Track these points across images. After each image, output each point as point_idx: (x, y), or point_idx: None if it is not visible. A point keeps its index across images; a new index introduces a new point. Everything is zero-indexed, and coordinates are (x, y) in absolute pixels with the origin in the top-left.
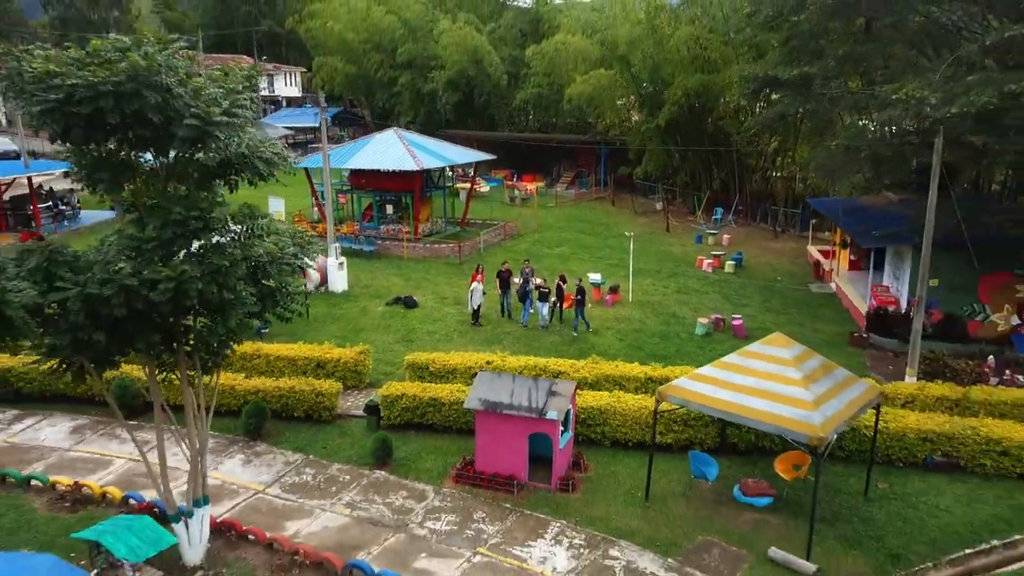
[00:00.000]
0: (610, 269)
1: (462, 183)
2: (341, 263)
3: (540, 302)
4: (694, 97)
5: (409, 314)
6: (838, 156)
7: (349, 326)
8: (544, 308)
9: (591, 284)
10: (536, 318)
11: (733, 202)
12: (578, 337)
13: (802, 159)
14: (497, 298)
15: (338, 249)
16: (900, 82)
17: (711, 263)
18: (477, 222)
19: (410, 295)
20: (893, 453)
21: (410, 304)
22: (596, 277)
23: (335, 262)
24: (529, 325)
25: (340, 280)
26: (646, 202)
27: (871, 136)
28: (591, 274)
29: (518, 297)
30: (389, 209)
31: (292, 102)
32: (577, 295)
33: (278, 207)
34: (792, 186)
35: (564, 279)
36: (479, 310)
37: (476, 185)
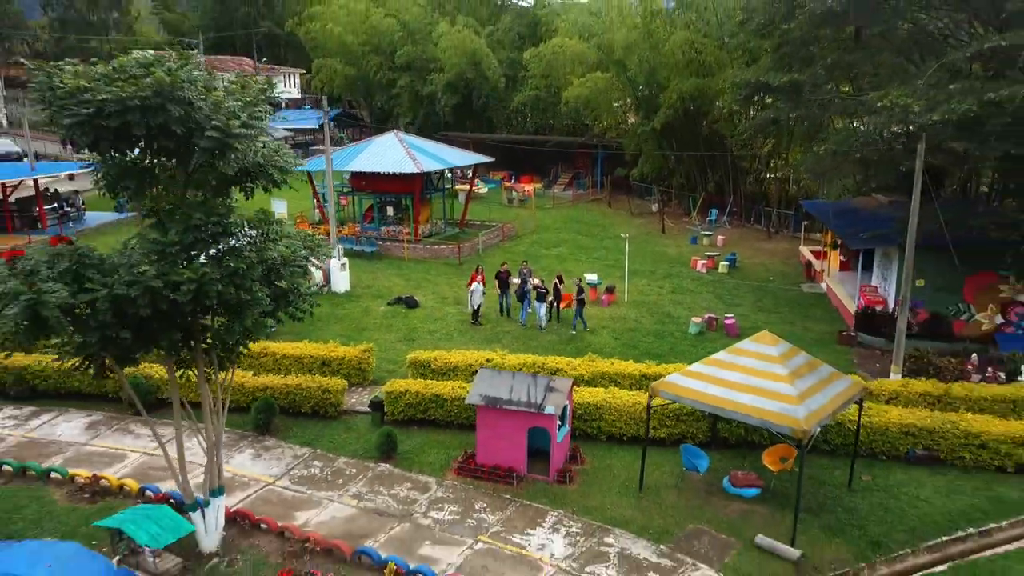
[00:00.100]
0: (607, 270)
1: (461, 185)
2: (343, 264)
3: (538, 302)
4: (689, 100)
5: (410, 314)
6: (827, 160)
7: (352, 325)
8: (542, 308)
9: (588, 284)
10: (534, 317)
11: (728, 203)
12: (575, 336)
13: (796, 161)
14: (496, 298)
15: (340, 250)
16: (886, 90)
17: (705, 264)
18: (476, 223)
19: (411, 295)
20: (877, 447)
21: (411, 304)
22: (593, 278)
23: (338, 263)
24: (527, 324)
25: (343, 280)
26: (642, 203)
27: (858, 141)
28: (588, 275)
29: (516, 297)
30: (390, 211)
31: (291, 103)
32: (578, 295)
33: (280, 209)
34: (786, 188)
35: (561, 279)
36: (479, 310)
37: (475, 187)
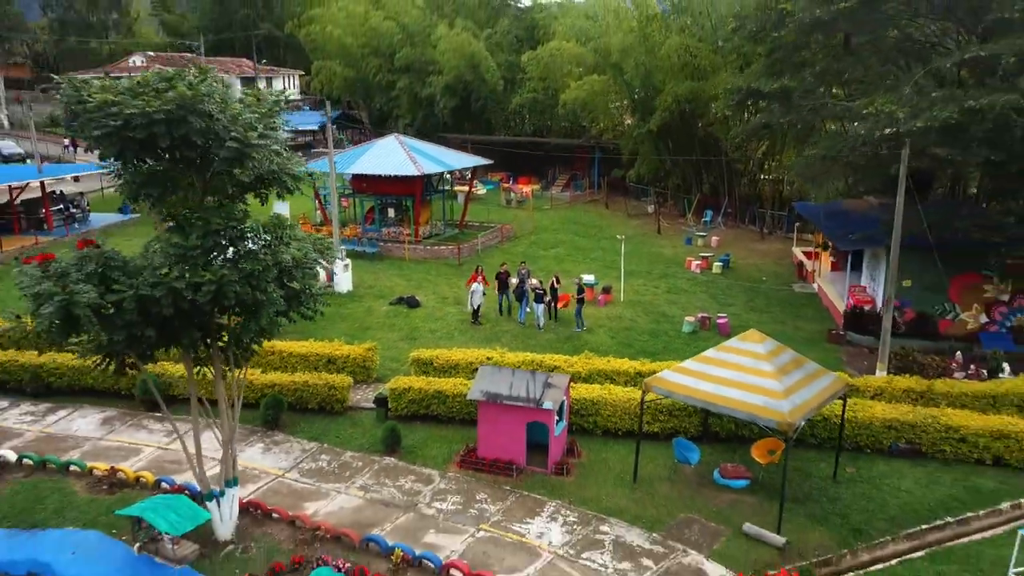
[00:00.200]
0: (603, 270)
1: (460, 186)
2: (346, 264)
3: (536, 302)
4: (684, 103)
5: (412, 313)
6: (817, 164)
7: (356, 324)
8: (539, 308)
9: (585, 285)
10: (533, 316)
11: (722, 205)
12: (572, 335)
13: (789, 162)
14: (496, 298)
15: (343, 251)
16: (872, 96)
17: (699, 264)
18: (475, 224)
19: (412, 295)
20: (861, 440)
21: (412, 304)
22: (590, 278)
23: (340, 263)
24: (526, 323)
25: (345, 281)
26: (639, 204)
27: (846, 146)
28: (585, 275)
29: (515, 296)
30: (390, 212)
31: (290, 105)
32: (578, 295)
33: (282, 211)
34: (780, 189)
35: (559, 280)
36: (479, 309)
37: (474, 188)
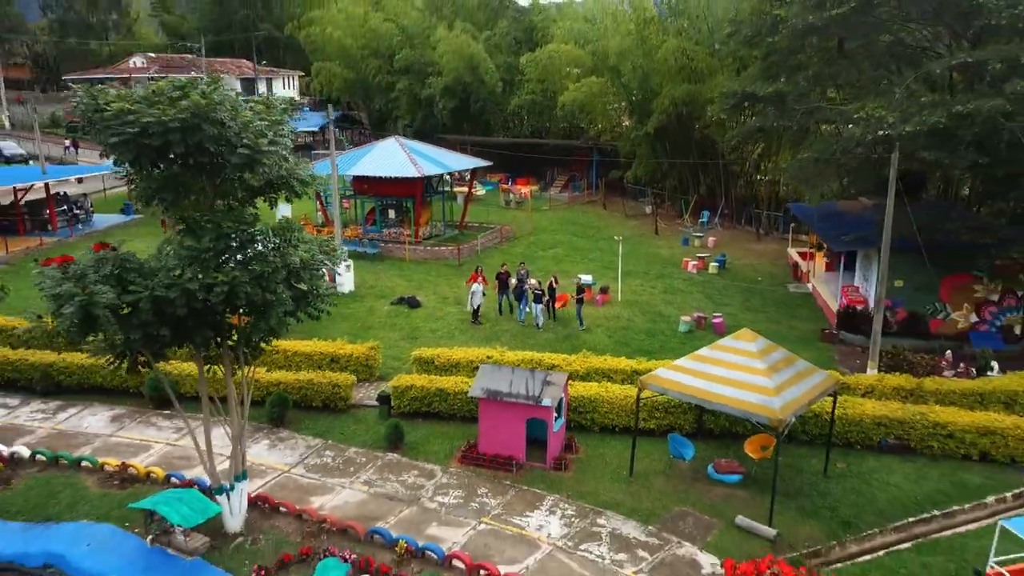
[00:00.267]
0: (601, 271)
1: (460, 187)
2: (348, 265)
3: (535, 303)
4: (681, 105)
5: (413, 313)
6: (810, 167)
7: (358, 324)
8: (538, 308)
9: (584, 285)
10: (532, 316)
11: (719, 206)
12: (571, 334)
13: (785, 164)
14: (495, 298)
15: (345, 252)
16: (863, 101)
17: (696, 265)
18: (474, 225)
19: (413, 295)
20: (852, 437)
21: (413, 304)
22: (587, 278)
23: (342, 264)
24: (525, 323)
25: (347, 281)
26: (636, 205)
27: (838, 149)
28: (583, 276)
29: (515, 296)
30: (391, 213)
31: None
32: (577, 294)
33: (285, 212)
34: (776, 190)
35: (556, 280)
36: (479, 309)
37: (473, 190)
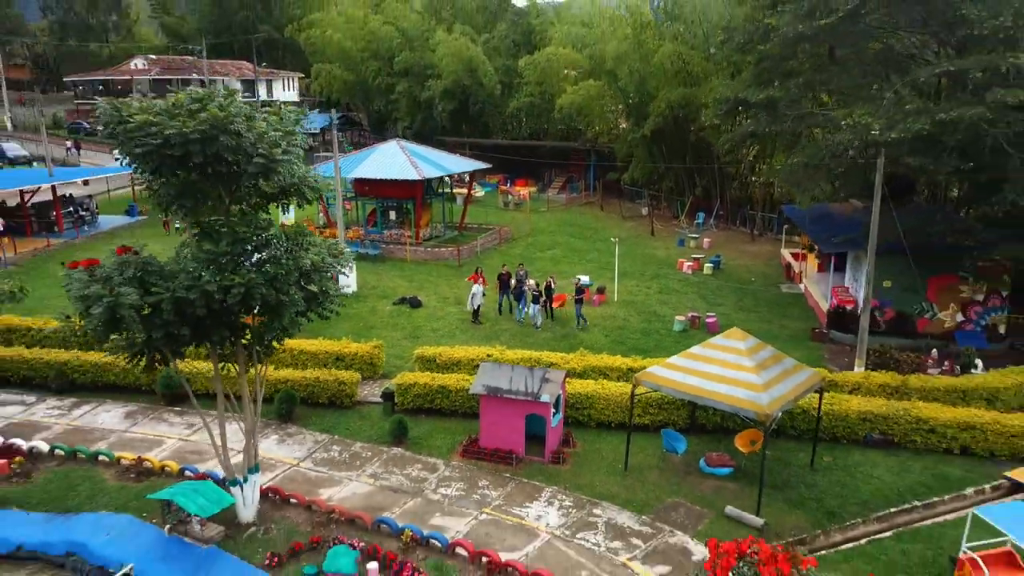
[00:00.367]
0: (598, 271)
1: (459, 189)
2: (351, 266)
3: (533, 303)
4: (677, 109)
5: (414, 313)
6: (800, 171)
7: (361, 324)
8: (534, 308)
9: (582, 286)
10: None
11: (715, 207)
12: (569, 333)
13: (779, 166)
14: (495, 298)
15: (353, 254)
16: (851, 108)
17: (691, 265)
18: (474, 226)
19: (414, 296)
20: (838, 432)
21: (415, 304)
22: (585, 279)
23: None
24: (524, 322)
25: (351, 282)
26: (633, 207)
27: (827, 154)
28: (580, 276)
29: (514, 296)
30: (392, 215)
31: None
32: (577, 294)
33: (288, 214)
34: (770, 192)
35: (554, 281)
36: (479, 309)
37: (472, 191)
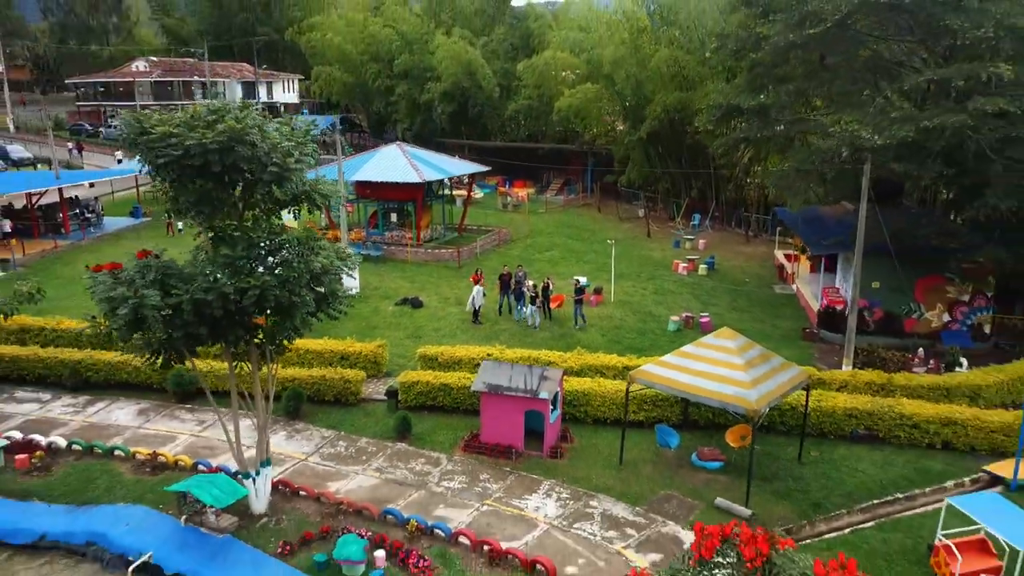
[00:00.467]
0: (595, 272)
1: (459, 190)
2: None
3: (531, 304)
4: (673, 112)
5: (416, 313)
6: (791, 175)
7: (364, 324)
8: (532, 309)
9: (581, 286)
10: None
11: (710, 209)
12: (566, 332)
13: (773, 168)
14: (495, 298)
15: (359, 257)
16: (839, 115)
17: (686, 267)
18: (473, 228)
19: (416, 296)
20: (825, 427)
21: (416, 304)
22: (582, 280)
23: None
24: (522, 322)
25: (352, 283)
26: (630, 208)
27: (816, 159)
28: (578, 277)
29: (514, 296)
30: (393, 217)
31: (289, 108)
32: (576, 295)
33: (289, 216)
34: (765, 193)
35: (552, 282)
36: (479, 310)
37: (472, 193)
